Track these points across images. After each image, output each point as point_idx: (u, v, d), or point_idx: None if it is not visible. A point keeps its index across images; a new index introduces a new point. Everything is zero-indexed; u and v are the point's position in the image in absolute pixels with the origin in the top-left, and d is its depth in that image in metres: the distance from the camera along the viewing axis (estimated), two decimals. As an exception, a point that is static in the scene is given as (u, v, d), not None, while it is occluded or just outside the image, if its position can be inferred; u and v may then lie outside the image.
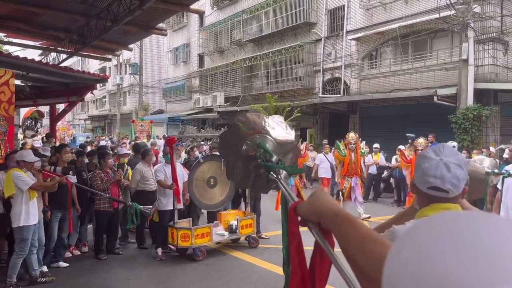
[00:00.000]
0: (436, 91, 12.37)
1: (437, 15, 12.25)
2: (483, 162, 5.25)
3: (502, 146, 10.71)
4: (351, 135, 9.45)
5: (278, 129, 1.51)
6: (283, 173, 1.31)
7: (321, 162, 11.74)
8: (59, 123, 25.89)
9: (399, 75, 14.76)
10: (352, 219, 0.85)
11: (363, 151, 9.57)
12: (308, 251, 1.00)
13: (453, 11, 11.57)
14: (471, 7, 11.50)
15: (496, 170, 5.40)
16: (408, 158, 9.01)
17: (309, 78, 18.19)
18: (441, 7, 11.84)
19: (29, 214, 5.21)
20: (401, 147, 11.49)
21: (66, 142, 17.48)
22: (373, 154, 11.91)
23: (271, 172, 1.31)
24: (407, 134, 11.86)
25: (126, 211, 6.63)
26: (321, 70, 17.85)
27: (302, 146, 9.69)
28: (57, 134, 22.30)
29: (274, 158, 1.35)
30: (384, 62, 15.72)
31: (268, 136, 1.45)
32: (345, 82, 16.84)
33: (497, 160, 10.16)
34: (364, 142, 9.92)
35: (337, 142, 9.72)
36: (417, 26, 13.83)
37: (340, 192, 9.41)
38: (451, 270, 0.39)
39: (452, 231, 0.43)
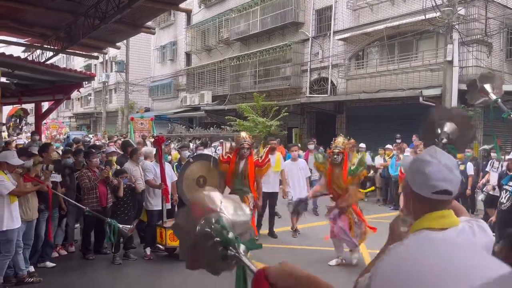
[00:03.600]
0: (421, 91, 12.56)
1: (422, 17, 12.43)
2: None
3: (485, 146, 10.96)
4: (338, 140, 6.22)
5: (232, 209, 1.44)
6: (242, 248, 1.26)
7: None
8: (50, 121, 25.46)
9: (385, 75, 14.94)
10: (323, 282, 0.96)
11: (354, 168, 6.06)
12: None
13: (438, 13, 11.76)
14: (456, 9, 11.71)
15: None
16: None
17: (296, 77, 18.28)
18: (426, 9, 12.02)
19: (12, 217, 5.07)
20: (389, 146, 11.67)
21: (58, 141, 17.22)
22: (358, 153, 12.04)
23: (230, 248, 1.26)
24: (397, 135, 12.16)
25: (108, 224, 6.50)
26: (308, 70, 17.95)
27: (263, 152, 7.05)
28: (48, 132, 21.93)
29: (231, 235, 1.29)
30: (371, 63, 15.88)
31: (222, 214, 1.39)
32: (332, 82, 16.96)
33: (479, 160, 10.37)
34: (366, 153, 6.78)
35: (317, 153, 7.19)
36: (403, 28, 14.02)
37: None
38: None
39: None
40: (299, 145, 11.97)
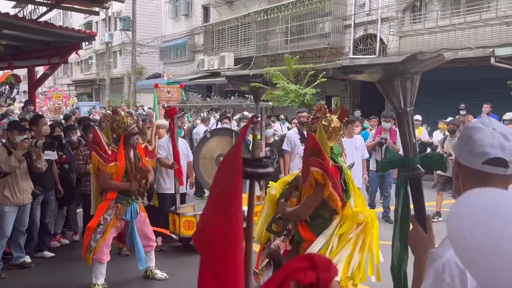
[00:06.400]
0: (493, 51, 12.14)
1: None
2: None
3: None
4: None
5: None
6: None
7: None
8: (51, 89, 26.09)
9: (449, 31, 14.51)
10: None
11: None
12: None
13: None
14: None
15: None
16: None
17: (337, 35, 17.97)
18: None
19: None
20: (451, 119, 11.42)
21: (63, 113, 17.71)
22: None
23: None
24: (462, 105, 11.85)
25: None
26: (352, 25, 17.63)
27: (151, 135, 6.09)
28: (51, 103, 22.47)
29: None
30: (430, 16, 15.43)
31: None
32: (381, 39, 16.64)
33: None
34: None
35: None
36: (472, -30, 13.49)
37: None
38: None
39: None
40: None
